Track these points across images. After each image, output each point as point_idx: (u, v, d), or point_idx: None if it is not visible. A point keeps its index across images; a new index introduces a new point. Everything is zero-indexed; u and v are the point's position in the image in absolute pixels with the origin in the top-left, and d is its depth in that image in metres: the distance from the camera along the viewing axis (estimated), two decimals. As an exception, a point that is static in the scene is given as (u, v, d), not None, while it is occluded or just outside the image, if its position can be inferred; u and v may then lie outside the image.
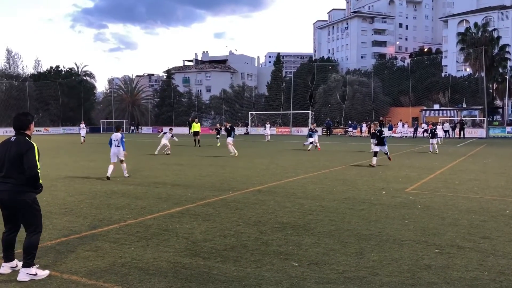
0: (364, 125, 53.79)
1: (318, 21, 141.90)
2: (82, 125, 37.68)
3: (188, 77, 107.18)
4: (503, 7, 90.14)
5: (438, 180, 13.34)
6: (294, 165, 17.71)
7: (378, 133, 17.40)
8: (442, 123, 45.41)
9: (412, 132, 49.28)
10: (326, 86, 69.52)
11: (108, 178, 13.12)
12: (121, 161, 13.73)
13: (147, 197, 10.25)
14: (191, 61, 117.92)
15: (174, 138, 23.45)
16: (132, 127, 73.95)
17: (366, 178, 13.90)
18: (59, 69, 79.48)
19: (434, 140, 24.63)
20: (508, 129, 49.83)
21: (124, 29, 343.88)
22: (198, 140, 29.67)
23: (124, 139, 13.69)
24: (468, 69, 69.69)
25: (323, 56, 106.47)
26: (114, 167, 13.49)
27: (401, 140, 40.40)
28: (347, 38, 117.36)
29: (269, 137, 38.66)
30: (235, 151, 21.88)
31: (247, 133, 61.83)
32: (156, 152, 22.75)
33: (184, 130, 62.87)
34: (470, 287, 4.78)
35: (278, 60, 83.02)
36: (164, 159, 20.47)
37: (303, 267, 5.38)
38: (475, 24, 65.65)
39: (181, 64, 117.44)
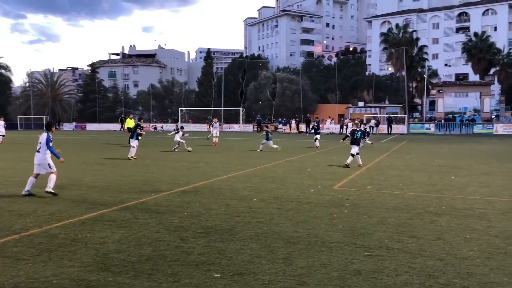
0: (293, 121, 54.80)
1: (248, 18, 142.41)
2: (1, 122, 31.61)
3: (114, 71, 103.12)
4: (421, 10, 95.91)
5: (364, 177, 13.45)
6: (224, 163, 17.20)
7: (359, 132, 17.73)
8: (368, 120, 47.15)
9: (339, 129, 50.65)
10: (257, 83, 69.80)
11: (30, 194, 9.79)
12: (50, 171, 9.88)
13: (57, 201, 9.24)
14: (118, 54, 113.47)
15: (186, 135, 24.29)
16: (74, 123, 70.63)
17: (295, 175, 13.73)
18: (-31, 60, 72.94)
19: (366, 139, 27.56)
20: (426, 125, 52.83)
21: (45, 20, 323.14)
22: None
23: (51, 143, 9.78)
24: (390, 68, 73.18)
25: (253, 53, 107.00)
26: (35, 180, 9.91)
27: (328, 137, 41.29)
28: (277, 36, 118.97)
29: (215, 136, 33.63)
30: (132, 155, 18.47)
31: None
32: (187, 148, 22.58)
33: (110, 126, 60.23)
34: (401, 293, 4.53)
35: (209, 55, 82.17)
36: (84, 158, 19.11)
37: (225, 279, 4.89)
38: (397, 25, 69.02)
39: (107, 58, 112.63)
